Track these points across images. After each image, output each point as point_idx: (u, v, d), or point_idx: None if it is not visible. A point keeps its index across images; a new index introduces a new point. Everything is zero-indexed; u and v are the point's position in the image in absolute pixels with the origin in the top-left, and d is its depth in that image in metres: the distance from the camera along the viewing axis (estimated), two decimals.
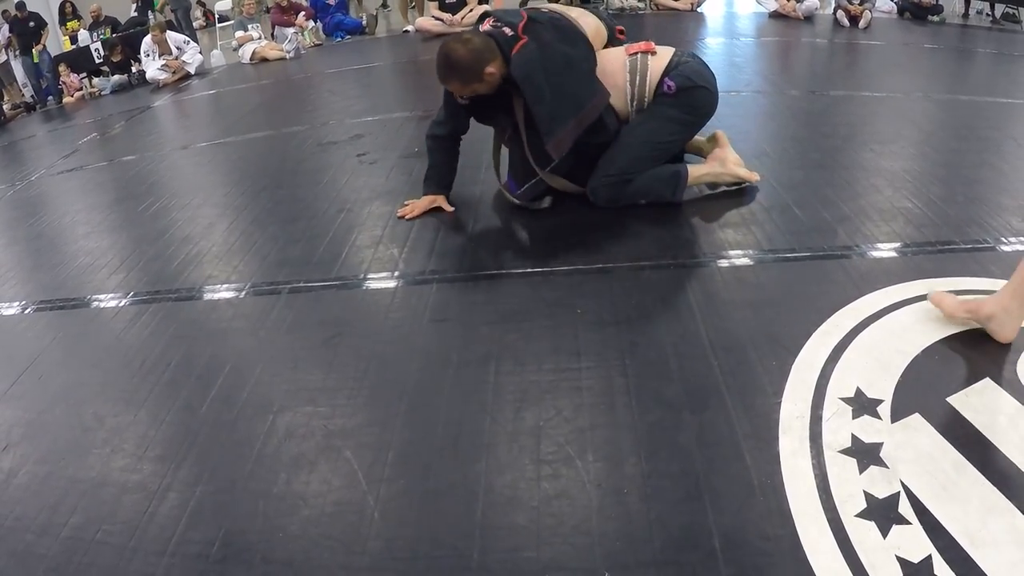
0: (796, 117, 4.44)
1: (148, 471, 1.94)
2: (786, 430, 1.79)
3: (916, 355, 2.01)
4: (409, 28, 9.47)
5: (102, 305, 2.93)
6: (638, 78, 3.04)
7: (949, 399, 1.84)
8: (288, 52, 8.67)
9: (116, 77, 9.38)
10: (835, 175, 3.33)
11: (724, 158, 3.20)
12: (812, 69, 6.65)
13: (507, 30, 2.89)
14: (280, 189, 3.83)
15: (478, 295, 2.57)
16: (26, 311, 3.01)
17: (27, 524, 1.83)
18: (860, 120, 4.28)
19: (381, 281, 2.73)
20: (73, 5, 11.90)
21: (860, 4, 8.52)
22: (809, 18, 8.88)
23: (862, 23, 8.35)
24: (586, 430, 1.86)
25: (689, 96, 3.01)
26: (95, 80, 9.69)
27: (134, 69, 9.47)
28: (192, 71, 8.93)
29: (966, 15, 10.10)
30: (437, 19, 8.78)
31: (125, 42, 9.77)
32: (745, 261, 2.63)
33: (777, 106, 4.72)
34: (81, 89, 9.45)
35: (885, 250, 2.62)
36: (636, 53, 3.07)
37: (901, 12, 9.34)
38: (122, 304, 2.90)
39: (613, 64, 3.09)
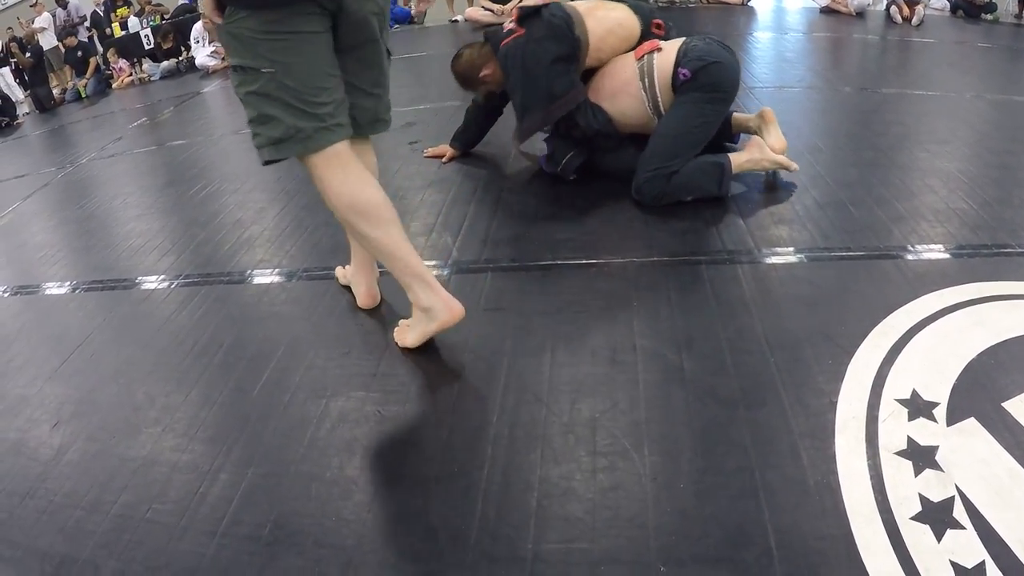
0: (848, 114, 4.39)
1: (199, 452, 1.99)
2: (842, 430, 1.80)
3: (972, 359, 2.00)
4: (458, 18, 9.49)
5: (153, 287, 3.03)
6: (647, 79, 3.10)
7: (1005, 404, 1.84)
8: None
9: (166, 63, 9.56)
10: (889, 174, 3.30)
11: (762, 143, 3.20)
12: (864, 66, 6.57)
13: (510, 25, 3.23)
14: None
15: (532, 285, 2.60)
16: (76, 291, 3.12)
17: (76, 501, 1.88)
18: (913, 119, 4.23)
19: (434, 269, 2.77)
20: None
21: (913, 1, 8.39)
22: (861, 14, 8.75)
23: (915, 20, 8.22)
24: (642, 423, 1.88)
25: (706, 75, 3.03)
26: (145, 66, 9.88)
27: (183, 56, 9.62)
28: None
29: (1020, 15, 9.88)
30: (487, 9, 8.79)
31: (175, 29, 9.93)
32: (800, 258, 2.62)
33: (830, 102, 4.67)
34: (131, 75, 9.62)
35: (940, 251, 2.60)
36: (643, 55, 3.13)
37: (954, 10, 9.18)
38: (172, 286, 3.00)
39: (624, 72, 3.17)
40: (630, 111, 3.18)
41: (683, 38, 3.18)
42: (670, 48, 3.12)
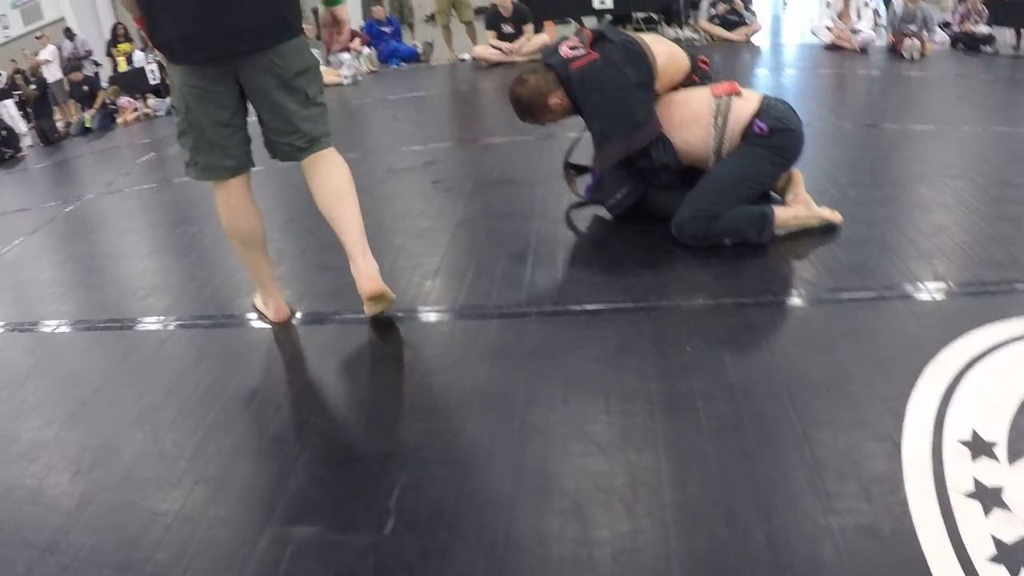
0: (865, 150, 4.37)
1: (240, 509, 1.86)
2: (910, 474, 1.72)
3: None
4: (465, 56, 9.50)
5: (165, 328, 2.90)
6: (721, 120, 3.01)
7: None
8: (345, 78, 8.71)
9: (170, 98, 9.49)
10: (914, 210, 3.30)
11: (810, 201, 3.15)
12: (873, 100, 6.63)
13: (569, 50, 3.05)
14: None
15: (580, 330, 2.49)
16: (89, 330, 3.00)
17: (104, 559, 1.73)
18: (922, 153, 4.25)
19: (474, 316, 2.66)
20: (125, 27, 12.14)
21: (915, 34, 8.46)
22: (864, 49, 8.81)
23: (916, 54, 8.29)
24: (712, 470, 1.78)
25: (781, 138, 2.99)
26: (151, 101, 9.79)
27: None
28: None
29: (1018, 46, 10.04)
30: (495, 48, 8.80)
31: None
32: (842, 299, 2.56)
33: (849, 138, 4.68)
34: (136, 111, 9.55)
35: (976, 288, 2.55)
36: (722, 95, 3.04)
37: (954, 43, 9.30)
38: (186, 328, 2.87)
39: (698, 106, 3.07)
40: (694, 144, 3.07)
41: (762, 93, 3.13)
42: (751, 97, 3.05)
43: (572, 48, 3.07)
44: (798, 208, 3.12)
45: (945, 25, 9.63)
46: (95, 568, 1.71)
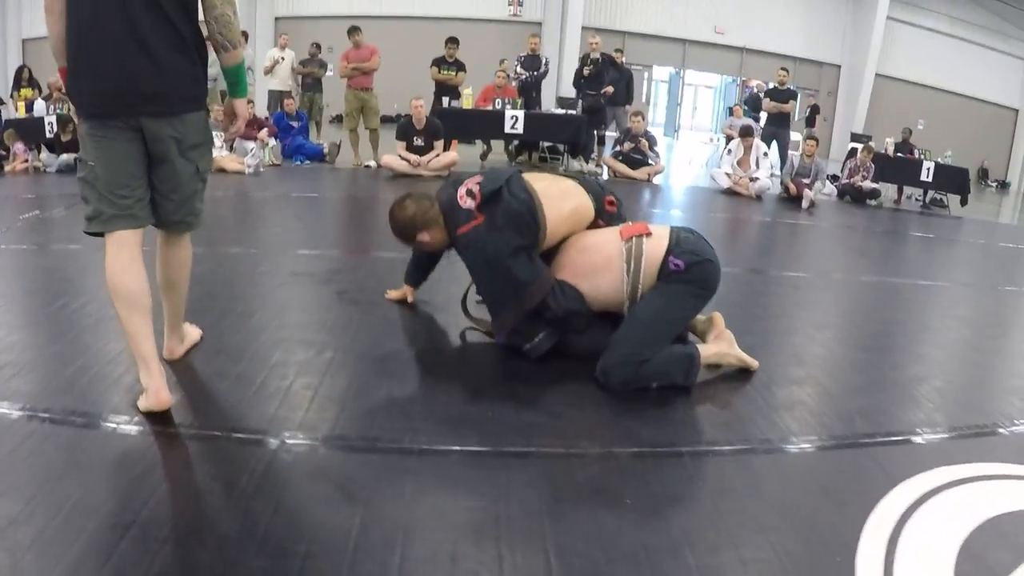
0: (752, 295, 4.53)
1: None
2: None
3: (962, 544, 2.05)
4: (371, 163, 9.46)
5: (34, 420, 2.46)
6: (633, 264, 2.98)
7: None
8: (248, 167, 8.51)
9: (64, 156, 9.01)
10: (816, 359, 3.53)
11: (732, 339, 3.18)
12: (763, 246, 7.01)
13: (467, 201, 3.03)
14: (251, 318, 3.52)
15: (513, 475, 2.28)
16: None
17: None
18: (799, 303, 4.53)
19: (391, 452, 2.42)
20: (30, 72, 11.65)
21: (807, 185, 9.09)
22: (760, 197, 9.31)
23: (804, 203, 8.87)
24: None
25: (699, 271, 2.98)
26: (43, 155, 9.31)
27: None
28: None
29: (898, 201, 10.97)
30: (403, 158, 8.81)
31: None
32: (779, 449, 2.59)
33: (734, 282, 4.82)
34: (27, 161, 9.03)
35: (902, 438, 2.71)
36: (631, 237, 3.02)
37: (841, 195, 10.06)
38: (61, 424, 2.46)
39: (607, 250, 3.04)
40: (606, 290, 3.03)
41: (669, 226, 3.11)
42: (660, 235, 3.02)
43: (468, 195, 3.04)
44: (720, 344, 3.15)
45: (834, 178, 10.37)
46: None
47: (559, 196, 3.13)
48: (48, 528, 1.89)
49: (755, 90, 15.59)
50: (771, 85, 12.97)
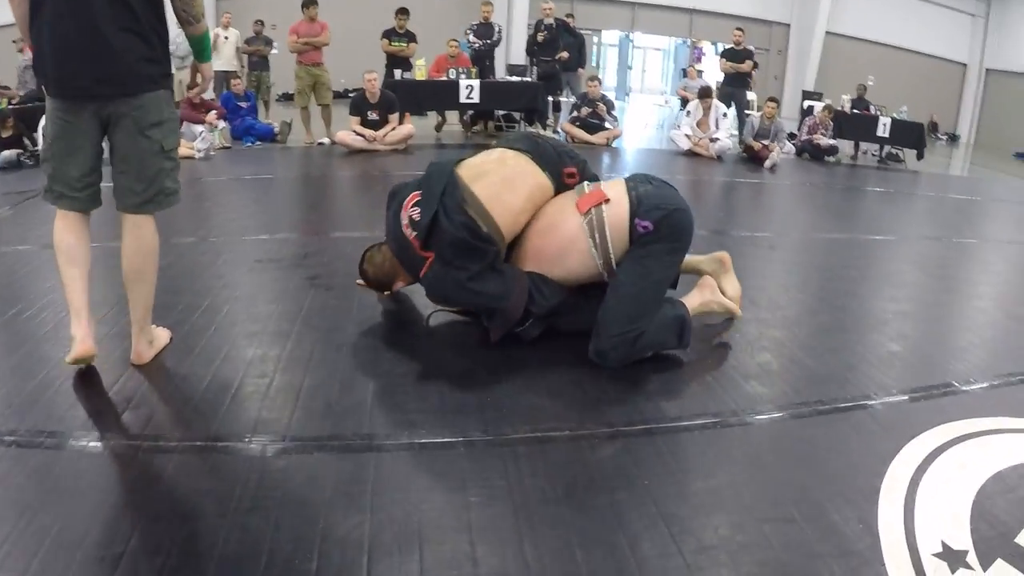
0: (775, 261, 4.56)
1: None
2: None
3: (974, 500, 2.08)
4: (324, 140, 9.17)
5: None
6: (598, 236, 2.81)
7: (1017, 540, 1.91)
8: (198, 151, 8.17)
9: (7, 152, 8.57)
10: (804, 321, 3.59)
11: (714, 285, 3.16)
12: (728, 207, 7.01)
13: (410, 231, 2.87)
14: (219, 313, 3.32)
15: (522, 463, 2.16)
16: None
17: None
18: (767, 262, 4.61)
19: (390, 446, 2.28)
20: None
21: (767, 146, 9.07)
22: (720, 157, 9.27)
23: (768, 163, 8.82)
24: None
25: (668, 225, 2.82)
26: None
27: (27, 148, 8.70)
28: None
29: (855, 156, 11.09)
30: (358, 134, 8.55)
31: (18, 116, 8.99)
32: (782, 415, 2.57)
33: (700, 244, 4.71)
34: None
35: (899, 397, 2.74)
36: (590, 208, 2.83)
37: (799, 152, 10.11)
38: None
39: (567, 229, 2.87)
40: (578, 269, 2.89)
41: (623, 180, 2.93)
42: (618, 196, 2.84)
43: (410, 224, 2.87)
44: (703, 292, 3.12)
45: (791, 136, 10.38)
46: None
47: (507, 188, 2.89)
48: (30, 568, 1.70)
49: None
50: (726, 46, 12.87)
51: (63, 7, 2.42)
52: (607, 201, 2.84)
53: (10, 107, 9.37)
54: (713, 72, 14.95)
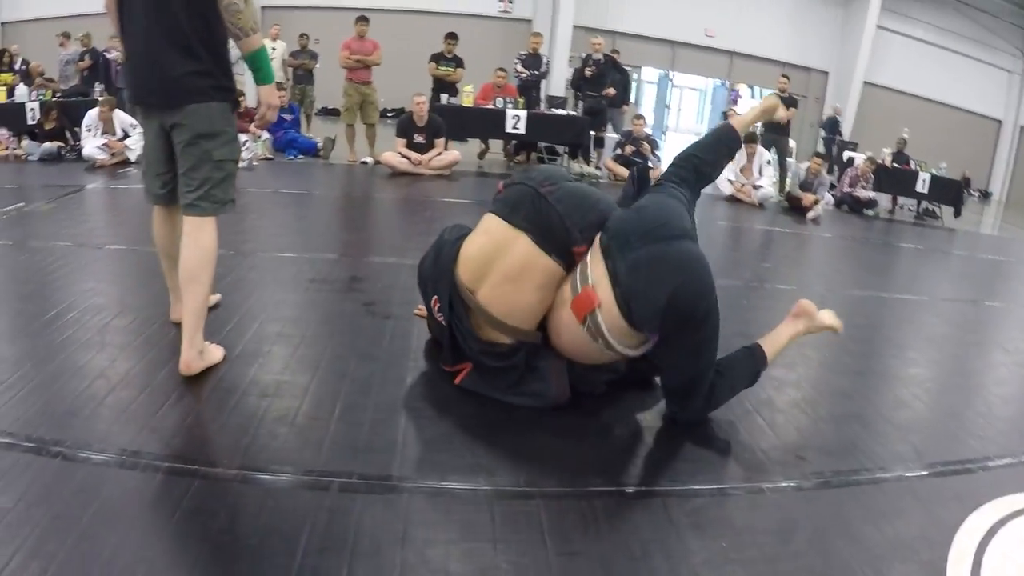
0: (746, 310, 4.42)
1: None
2: None
3: None
4: (368, 160, 9.20)
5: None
6: (602, 342, 2.58)
7: None
8: (242, 160, 8.19)
9: (47, 144, 8.63)
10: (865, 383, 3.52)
11: (812, 311, 2.92)
12: (766, 256, 6.95)
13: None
14: (272, 334, 3.29)
15: (591, 519, 2.12)
16: None
17: None
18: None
19: (461, 494, 2.23)
20: (11, 56, 11.16)
21: (813, 196, 9.02)
22: (762, 204, 9.21)
23: (811, 214, 8.80)
24: None
25: (676, 316, 2.48)
26: (24, 142, 8.89)
27: (68, 141, 8.78)
28: (133, 158, 8.25)
29: (892, 211, 11.02)
30: (403, 156, 8.57)
31: (62, 109, 9.05)
32: (843, 480, 2.51)
33: (731, 296, 4.66)
34: (7, 149, 8.62)
35: (960, 467, 2.69)
36: (585, 316, 2.56)
37: (838, 204, 10.04)
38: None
39: (576, 333, 2.63)
40: (604, 359, 2.71)
41: (602, 265, 2.55)
42: (607, 297, 2.51)
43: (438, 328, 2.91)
44: (797, 324, 2.92)
45: (831, 187, 10.33)
46: None
47: (514, 288, 2.68)
48: None
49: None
50: (764, 90, 12.87)
51: (135, 24, 2.69)
52: (599, 305, 2.53)
53: (55, 99, 9.45)
54: None
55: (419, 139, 8.63)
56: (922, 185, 10.84)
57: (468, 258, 2.77)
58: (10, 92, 9.70)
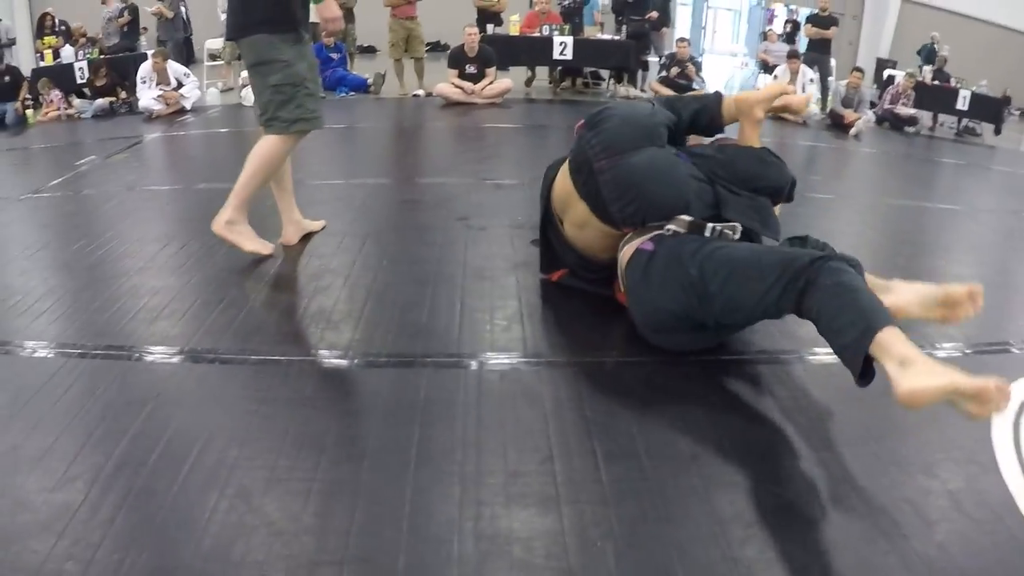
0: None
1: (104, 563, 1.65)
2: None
3: None
4: (420, 92, 9.49)
5: (43, 355, 2.62)
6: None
7: None
8: None
9: (99, 101, 8.97)
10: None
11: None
12: (811, 170, 7.13)
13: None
14: (392, 246, 3.74)
15: (648, 384, 2.50)
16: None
17: None
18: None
19: (529, 363, 2.66)
20: (54, 19, 11.39)
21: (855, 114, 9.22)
22: (806, 122, 9.42)
23: (853, 131, 9.04)
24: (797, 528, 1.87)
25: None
26: (76, 101, 9.21)
27: (120, 96, 9.08)
28: (188, 106, 8.69)
29: (933, 128, 11.08)
30: (457, 86, 8.88)
31: (111, 66, 9.38)
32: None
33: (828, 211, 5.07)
34: (59, 109, 8.94)
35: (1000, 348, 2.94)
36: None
37: (879, 121, 10.13)
38: (69, 356, 2.60)
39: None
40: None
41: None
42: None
43: None
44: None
45: (872, 105, 10.44)
46: None
47: (583, 234, 2.92)
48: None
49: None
50: (801, 9, 12.86)
51: None
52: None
53: (102, 56, 9.77)
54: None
55: (471, 69, 8.91)
56: (962, 102, 10.86)
57: (555, 193, 2.97)
58: (55, 54, 10.03)
